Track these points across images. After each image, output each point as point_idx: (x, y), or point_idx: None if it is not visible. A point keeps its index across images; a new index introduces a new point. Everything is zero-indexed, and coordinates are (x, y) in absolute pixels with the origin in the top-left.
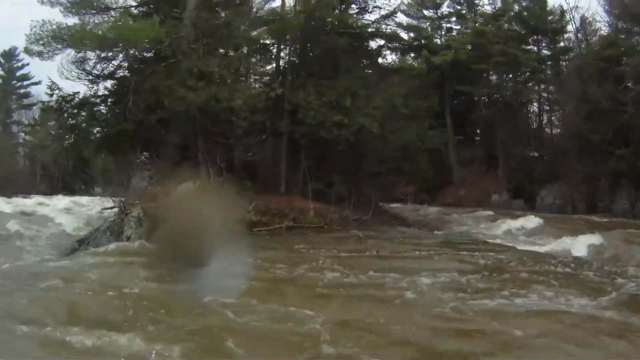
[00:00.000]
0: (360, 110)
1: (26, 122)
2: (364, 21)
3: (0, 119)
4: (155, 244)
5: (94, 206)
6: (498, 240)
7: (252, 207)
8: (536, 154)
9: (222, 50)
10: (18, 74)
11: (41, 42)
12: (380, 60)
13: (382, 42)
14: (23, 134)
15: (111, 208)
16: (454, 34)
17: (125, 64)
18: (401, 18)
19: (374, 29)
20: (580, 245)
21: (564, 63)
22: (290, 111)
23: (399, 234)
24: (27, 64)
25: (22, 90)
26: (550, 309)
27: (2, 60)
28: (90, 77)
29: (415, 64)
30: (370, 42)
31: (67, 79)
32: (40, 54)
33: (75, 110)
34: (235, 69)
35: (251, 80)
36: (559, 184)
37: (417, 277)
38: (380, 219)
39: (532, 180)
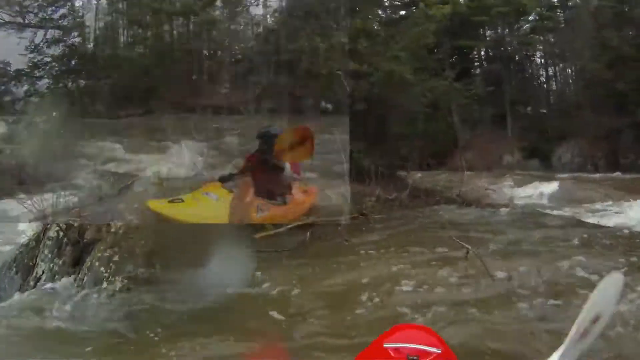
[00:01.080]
0: (381, 55)
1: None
2: None
3: None
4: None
5: None
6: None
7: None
8: (544, 111)
9: None
10: None
11: None
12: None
13: None
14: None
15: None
16: None
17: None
18: None
19: None
20: None
21: (563, 12)
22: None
23: (467, 220)
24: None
25: (1, 87)
26: None
27: None
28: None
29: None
30: None
31: None
32: None
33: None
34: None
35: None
36: (576, 141)
37: None
38: (416, 196)
39: (546, 138)
